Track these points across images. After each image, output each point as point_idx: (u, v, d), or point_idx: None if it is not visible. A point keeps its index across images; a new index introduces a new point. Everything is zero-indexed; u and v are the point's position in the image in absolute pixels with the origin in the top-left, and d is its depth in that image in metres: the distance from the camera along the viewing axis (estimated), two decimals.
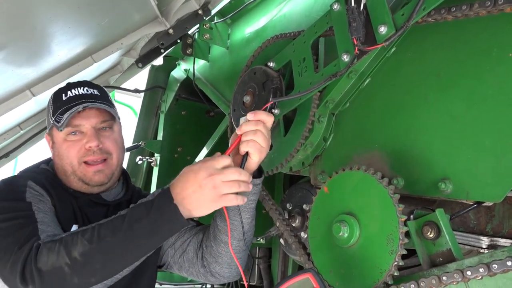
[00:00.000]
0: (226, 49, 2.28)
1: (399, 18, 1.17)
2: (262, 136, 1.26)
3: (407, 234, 1.17)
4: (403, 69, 1.32)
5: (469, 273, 1.04)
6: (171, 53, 2.70)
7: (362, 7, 1.21)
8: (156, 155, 2.72)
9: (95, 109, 1.45)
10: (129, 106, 5.16)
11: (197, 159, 2.47)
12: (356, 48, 1.25)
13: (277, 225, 1.63)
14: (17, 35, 1.56)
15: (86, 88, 1.49)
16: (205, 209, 1.18)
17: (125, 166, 2.23)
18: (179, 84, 2.68)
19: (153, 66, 2.79)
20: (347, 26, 1.25)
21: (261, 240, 2.01)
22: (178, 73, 2.73)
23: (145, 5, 1.85)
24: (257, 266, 2.57)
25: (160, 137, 2.72)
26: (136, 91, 2.77)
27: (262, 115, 1.29)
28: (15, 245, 1.18)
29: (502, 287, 1.05)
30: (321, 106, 1.47)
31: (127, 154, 2.83)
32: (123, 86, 2.67)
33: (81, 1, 1.55)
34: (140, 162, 2.75)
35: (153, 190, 2.66)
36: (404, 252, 1.14)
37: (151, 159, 2.71)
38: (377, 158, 1.34)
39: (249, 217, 1.42)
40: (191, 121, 2.80)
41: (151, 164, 2.73)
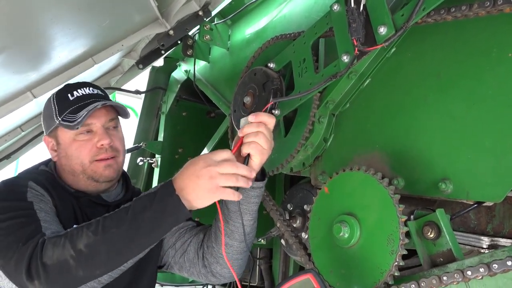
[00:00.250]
0: (226, 50, 2.29)
1: (399, 18, 1.18)
2: (264, 138, 1.26)
3: (408, 234, 1.17)
4: (403, 69, 1.32)
5: (469, 273, 1.04)
6: (171, 54, 2.71)
7: (361, 8, 1.22)
8: (157, 156, 2.72)
9: (103, 108, 1.47)
10: (130, 107, 5.16)
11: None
12: (356, 48, 1.25)
13: (278, 225, 1.63)
14: (18, 37, 1.56)
15: (91, 88, 1.52)
16: (203, 200, 1.18)
17: (126, 167, 2.24)
18: (179, 85, 2.68)
19: (153, 67, 2.79)
20: (347, 26, 1.25)
21: (262, 240, 2.01)
22: (178, 74, 2.74)
23: (145, 6, 1.85)
24: (258, 266, 2.57)
25: (161, 138, 2.72)
26: (136, 92, 2.77)
27: (263, 117, 1.29)
28: (19, 242, 1.18)
29: (502, 287, 1.05)
30: (322, 106, 1.47)
31: (128, 155, 2.83)
32: (123, 87, 2.68)
33: (82, 2, 1.55)
34: (141, 163, 2.74)
35: None
36: (404, 252, 1.14)
37: (152, 160, 2.71)
38: (378, 158, 1.34)
39: (251, 219, 1.42)
40: (191, 122, 2.80)
41: (152, 165, 2.72)
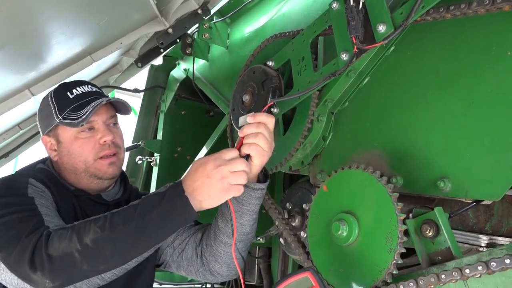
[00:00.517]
0: (225, 49, 2.28)
1: (398, 16, 1.18)
2: (263, 139, 1.25)
3: (406, 232, 1.17)
4: (402, 67, 1.32)
5: (467, 271, 1.04)
6: (170, 53, 2.70)
7: (361, 6, 1.22)
8: (155, 154, 2.72)
9: (103, 106, 1.47)
10: None
11: (197, 159, 2.46)
12: (355, 47, 1.25)
13: (277, 224, 1.63)
14: (16, 34, 1.56)
15: (89, 86, 1.53)
16: (215, 200, 1.19)
17: (124, 165, 2.24)
18: (178, 83, 2.68)
19: (152, 65, 2.79)
20: (346, 25, 1.25)
21: (261, 239, 2.01)
22: (177, 72, 2.73)
23: (144, 4, 1.85)
24: (256, 265, 2.57)
25: (159, 136, 2.72)
26: (135, 90, 2.77)
27: (262, 117, 1.28)
28: (21, 235, 1.17)
29: (500, 285, 1.05)
30: (320, 105, 1.47)
31: (127, 153, 2.83)
32: (122, 85, 2.68)
33: (80, 0, 1.55)
34: (139, 162, 2.74)
35: (153, 190, 2.66)
36: (403, 250, 1.14)
37: (151, 159, 2.71)
38: (376, 157, 1.34)
39: (251, 219, 1.42)
40: (190, 120, 2.80)
41: (151, 163, 2.72)
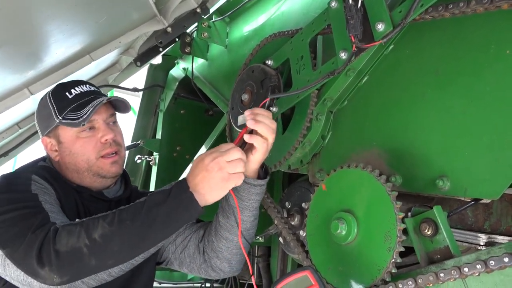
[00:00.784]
0: (224, 48, 2.28)
1: (397, 15, 1.18)
2: (265, 126, 1.28)
3: (405, 231, 1.17)
4: (401, 66, 1.32)
5: (466, 269, 1.04)
6: (169, 52, 2.70)
7: (359, 5, 1.21)
8: (155, 154, 2.71)
9: (103, 105, 1.47)
10: None
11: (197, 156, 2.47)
12: (353, 45, 1.25)
13: (276, 223, 1.63)
14: (15, 33, 1.56)
15: (87, 85, 1.53)
16: (217, 191, 1.21)
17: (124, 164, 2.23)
18: (177, 82, 2.67)
19: (151, 64, 2.79)
20: (345, 23, 1.24)
21: (260, 238, 2.01)
22: (176, 71, 2.73)
23: (143, 3, 1.85)
24: (256, 264, 2.57)
25: (159, 136, 2.72)
26: (134, 90, 2.77)
27: (259, 111, 1.30)
28: (28, 231, 1.17)
29: (499, 284, 1.05)
30: (319, 104, 1.47)
31: (126, 152, 2.82)
32: (121, 85, 2.68)
33: None
34: (139, 161, 2.74)
35: (152, 189, 2.66)
36: (402, 249, 1.14)
37: (150, 158, 2.71)
38: (375, 155, 1.34)
39: (251, 215, 1.43)
40: (190, 119, 2.79)
41: (150, 163, 2.72)
